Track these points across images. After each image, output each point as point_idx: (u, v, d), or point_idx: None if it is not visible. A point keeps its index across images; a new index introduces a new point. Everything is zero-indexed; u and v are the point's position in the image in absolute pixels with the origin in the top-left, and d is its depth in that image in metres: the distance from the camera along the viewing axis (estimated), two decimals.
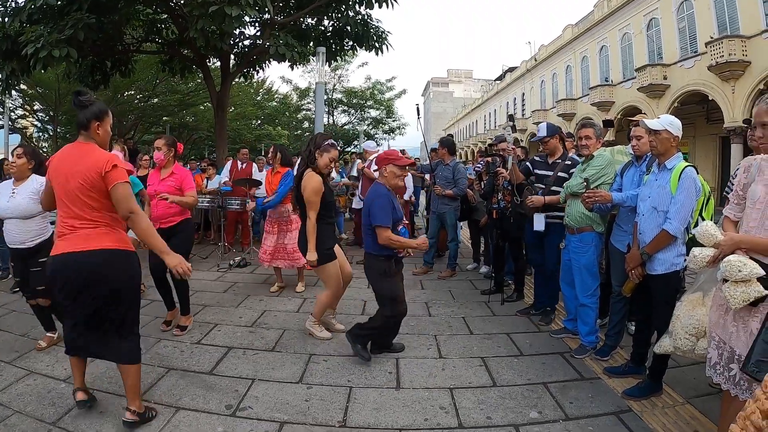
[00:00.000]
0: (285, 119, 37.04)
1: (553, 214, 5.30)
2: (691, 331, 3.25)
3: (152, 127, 29.89)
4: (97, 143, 3.21)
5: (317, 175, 4.82)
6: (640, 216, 3.91)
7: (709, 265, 2.79)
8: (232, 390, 3.91)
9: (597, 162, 4.71)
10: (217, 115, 14.09)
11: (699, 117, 24.89)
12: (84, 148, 3.15)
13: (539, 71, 42.94)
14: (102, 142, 3.26)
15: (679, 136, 3.75)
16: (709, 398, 3.77)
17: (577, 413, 3.61)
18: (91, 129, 3.18)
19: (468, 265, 8.71)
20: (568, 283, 5.08)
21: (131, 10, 11.97)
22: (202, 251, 9.89)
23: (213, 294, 6.73)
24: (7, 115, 20.64)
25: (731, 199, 2.95)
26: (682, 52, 24.44)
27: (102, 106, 3.28)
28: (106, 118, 3.27)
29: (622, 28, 29.80)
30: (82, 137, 3.20)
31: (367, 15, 13.58)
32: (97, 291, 3.13)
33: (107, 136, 3.31)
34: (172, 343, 4.88)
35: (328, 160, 4.92)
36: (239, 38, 14.22)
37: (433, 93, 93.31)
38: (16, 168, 4.50)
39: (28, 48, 9.14)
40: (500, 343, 5.03)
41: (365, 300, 6.46)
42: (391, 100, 36.78)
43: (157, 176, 5.37)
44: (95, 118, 3.19)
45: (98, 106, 3.24)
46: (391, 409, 3.65)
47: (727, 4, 21.49)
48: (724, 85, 21.13)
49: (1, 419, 3.38)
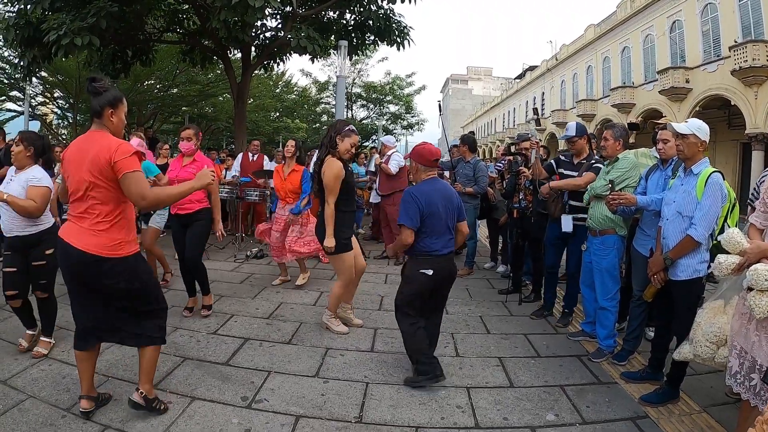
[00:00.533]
0: (303, 112, 37.14)
1: (579, 216, 5.25)
2: (712, 339, 3.21)
3: (171, 116, 30.14)
4: (111, 131, 3.13)
5: (338, 161, 4.81)
6: (665, 220, 3.87)
7: (734, 273, 2.76)
8: (248, 382, 3.93)
9: (621, 164, 4.67)
10: (237, 106, 14.13)
11: (720, 122, 24.59)
12: (96, 136, 3.07)
13: (560, 71, 42.65)
14: (116, 130, 3.18)
15: (707, 141, 3.71)
16: (726, 407, 3.73)
17: (594, 417, 3.59)
18: (105, 116, 3.11)
19: (485, 263, 8.70)
20: (588, 286, 5.04)
21: (153, 0, 12.03)
22: (219, 242, 9.93)
23: (230, 285, 6.76)
24: (27, 101, 20.82)
25: (757, 207, 2.92)
26: (705, 56, 24.16)
27: (116, 92, 3.20)
28: (121, 105, 3.18)
29: (645, 30, 29.51)
30: (95, 125, 3.14)
31: (389, 9, 13.55)
32: (96, 286, 3.11)
33: (121, 124, 3.23)
34: (189, 333, 4.91)
35: (349, 145, 4.91)
36: (261, 30, 14.26)
37: (452, 90, 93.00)
38: (14, 156, 4.22)
39: (50, 35, 9.21)
40: (517, 343, 5.02)
41: (382, 295, 6.48)
42: (411, 96, 36.73)
43: (179, 163, 5.43)
44: (109, 105, 3.11)
45: (113, 92, 3.16)
46: (407, 407, 3.64)
47: (752, 8, 21.21)
48: (747, 91, 20.87)
49: (15, 404, 3.41)
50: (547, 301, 5.93)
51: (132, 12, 11.18)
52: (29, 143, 4.20)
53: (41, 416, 3.27)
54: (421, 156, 4.10)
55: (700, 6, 24.33)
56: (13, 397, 3.49)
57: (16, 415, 3.26)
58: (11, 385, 3.67)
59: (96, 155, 2.95)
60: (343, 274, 5.02)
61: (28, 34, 10.18)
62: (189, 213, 5.32)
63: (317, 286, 6.87)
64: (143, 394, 3.26)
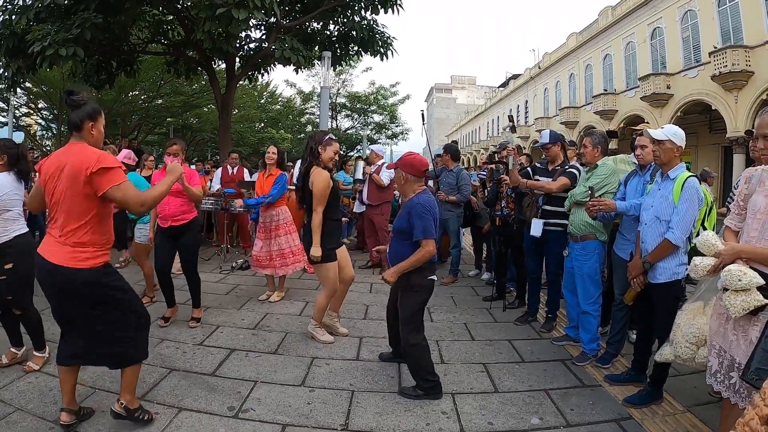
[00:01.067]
0: (288, 122, 37.10)
1: (552, 222, 5.32)
2: (692, 339, 3.27)
3: (156, 127, 29.99)
4: (90, 144, 3.10)
5: (324, 171, 4.84)
6: (643, 225, 3.93)
7: (710, 275, 2.82)
8: (235, 392, 3.93)
9: (601, 171, 4.74)
10: (222, 117, 14.15)
11: (702, 126, 24.94)
12: (75, 149, 3.02)
13: (543, 79, 43.02)
14: (95, 143, 3.14)
15: (683, 146, 3.77)
16: (709, 407, 3.79)
17: (578, 420, 3.63)
18: (85, 129, 3.08)
19: (470, 271, 8.74)
20: (570, 291, 5.10)
21: (138, 11, 12.05)
22: (204, 253, 9.89)
23: (215, 296, 6.75)
24: (11, 112, 20.66)
25: (732, 209, 2.98)
26: (685, 62, 24.52)
27: (95, 105, 3.19)
28: (100, 118, 3.16)
29: (626, 37, 29.89)
30: (74, 138, 3.10)
31: (372, 20, 13.68)
32: (71, 303, 3.09)
33: (101, 136, 3.20)
34: (175, 344, 4.90)
35: (332, 153, 4.96)
36: (245, 41, 14.29)
37: (437, 99, 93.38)
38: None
39: (34, 46, 9.20)
40: (502, 349, 5.05)
41: (367, 305, 6.50)
42: (395, 106, 36.83)
43: (162, 176, 5.43)
44: (89, 117, 3.09)
45: (91, 105, 3.15)
46: (393, 414, 3.66)
47: (731, 15, 21.59)
48: (727, 95, 21.20)
49: (2, 416, 3.39)
50: (530, 307, 5.97)
51: (117, 23, 11.19)
52: (2, 151, 4.07)
53: (28, 428, 3.26)
54: (413, 167, 4.05)
55: (681, 13, 24.70)
56: (1, 410, 3.47)
57: (3, 428, 3.25)
58: None
59: (74, 168, 2.92)
60: (327, 285, 5.02)
61: (13, 44, 10.15)
62: (183, 224, 5.39)
63: (303, 296, 6.88)
64: (123, 404, 3.25)
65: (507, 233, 6.49)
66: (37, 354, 4.25)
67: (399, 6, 12.83)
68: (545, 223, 5.36)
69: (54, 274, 2.99)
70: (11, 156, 4.09)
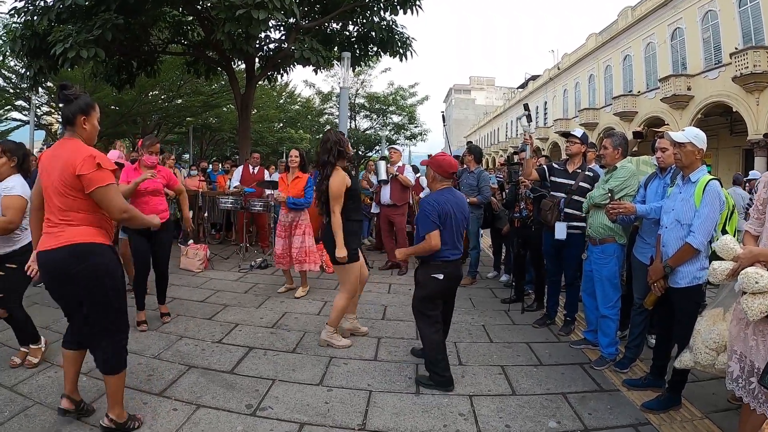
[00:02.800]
0: (307, 123, 37.23)
1: (573, 225, 5.29)
2: (712, 345, 3.24)
3: (175, 127, 30.25)
4: (83, 139, 3.06)
5: (342, 171, 4.89)
6: (664, 229, 3.90)
7: (728, 279, 2.80)
8: (253, 390, 3.96)
9: (621, 173, 4.70)
10: (241, 117, 14.24)
11: (722, 129, 24.66)
12: (68, 144, 3.00)
13: (562, 80, 42.79)
14: (89, 138, 3.11)
15: (704, 149, 3.74)
16: (728, 414, 3.75)
17: (596, 424, 3.61)
18: (77, 124, 3.04)
19: (489, 273, 8.73)
20: (589, 294, 5.07)
21: (158, 12, 12.14)
22: (224, 251, 9.99)
23: (234, 294, 6.80)
24: (33, 111, 20.94)
25: (752, 213, 2.96)
26: (706, 63, 24.26)
27: (88, 99, 3.11)
28: (93, 112, 3.12)
29: (647, 38, 29.64)
30: (68, 133, 3.06)
31: (392, 21, 13.67)
32: (66, 290, 3.07)
33: (95, 131, 3.17)
34: (194, 342, 4.95)
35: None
36: (265, 42, 14.35)
37: (455, 100, 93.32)
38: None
39: (56, 48, 9.31)
40: (520, 352, 5.04)
41: (385, 305, 6.52)
42: (414, 106, 36.69)
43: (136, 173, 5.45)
44: (81, 112, 3.03)
45: (84, 99, 3.07)
46: (410, 414, 3.67)
47: (752, 15, 21.33)
48: (749, 97, 20.93)
49: (21, 409, 3.45)
50: (549, 310, 5.94)
51: (137, 24, 11.29)
52: (12, 153, 4.07)
53: (47, 422, 3.31)
54: (441, 167, 4.24)
55: (701, 13, 24.45)
56: (20, 403, 3.53)
57: (22, 421, 3.31)
58: (17, 392, 3.72)
59: (64, 165, 2.90)
60: (349, 286, 5.02)
61: (35, 45, 10.32)
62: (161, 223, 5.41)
63: (321, 295, 6.91)
64: (113, 419, 3.16)
65: (525, 235, 6.47)
66: (33, 347, 4.26)
67: (418, 6, 12.80)
68: (568, 227, 5.33)
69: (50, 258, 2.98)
70: (20, 157, 4.12)
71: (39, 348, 4.29)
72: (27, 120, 23.00)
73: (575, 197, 5.30)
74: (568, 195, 5.38)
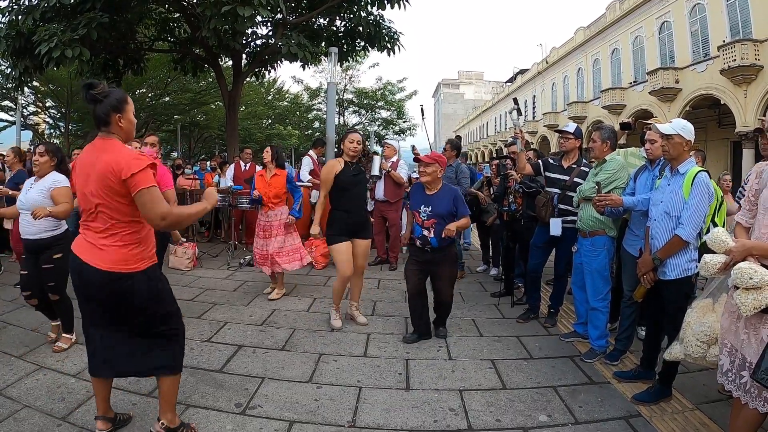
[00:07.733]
0: (295, 119, 37.21)
1: (568, 219, 5.28)
2: (702, 338, 3.22)
3: (163, 125, 30.17)
4: (121, 138, 2.81)
5: (334, 160, 5.44)
6: (652, 221, 3.89)
7: (720, 272, 2.79)
8: (242, 388, 3.93)
9: (609, 166, 4.70)
10: (229, 114, 14.18)
11: (711, 121, 24.77)
12: (105, 146, 2.73)
13: (550, 74, 42.85)
14: (127, 134, 2.86)
15: (692, 140, 3.73)
16: (718, 404, 3.75)
17: (587, 417, 3.60)
18: (113, 123, 2.77)
19: (478, 267, 8.73)
20: (579, 287, 5.07)
21: (144, 9, 12.07)
22: (212, 250, 9.94)
23: (223, 292, 6.77)
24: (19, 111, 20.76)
25: (743, 205, 2.95)
26: (694, 56, 24.36)
27: (120, 93, 2.82)
28: (127, 106, 2.82)
29: (634, 31, 29.73)
30: (102, 133, 2.78)
31: (379, 15, 13.65)
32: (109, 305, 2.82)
33: (132, 126, 2.89)
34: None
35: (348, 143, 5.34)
36: (251, 38, 14.30)
37: (444, 94, 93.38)
38: (39, 165, 4.53)
39: (41, 47, 9.23)
40: (510, 345, 5.03)
41: (375, 300, 6.49)
42: (402, 101, 36.77)
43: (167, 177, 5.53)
44: (114, 110, 2.75)
45: (115, 95, 2.78)
46: (400, 410, 3.66)
47: (740, 8, 21.40)
48: (737, 90, 21.04)
49: (11, 413, 3.40)
50: (531, 305, 5.90)
51: (123, 21, 11.20)
52: (53, 154, 4.63)
53: (37, 425, 3.26)
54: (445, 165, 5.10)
55: (689, 6, 24.53)
56: (9, 407, 3.48)
57: (11, 425, 3.25)
58: (6, 395, 3.66)
59: (103, 170, 2.64)
60: (339, 268, 5.31)
61: (19, 44, 10.20)
62: None
63: (310, 292, 6.88)
64: (164, 424, 3.04)
65: (515, 229, 6.45)
66: (65, 335, 4.65)
67: (405, 1, 12.78)
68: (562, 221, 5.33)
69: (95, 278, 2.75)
70: (59, 158, 4.68)
71: (70, 338, 4.64)
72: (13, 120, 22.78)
73: (569, 193, 5.29)
74: (562, 191, 5.37)
